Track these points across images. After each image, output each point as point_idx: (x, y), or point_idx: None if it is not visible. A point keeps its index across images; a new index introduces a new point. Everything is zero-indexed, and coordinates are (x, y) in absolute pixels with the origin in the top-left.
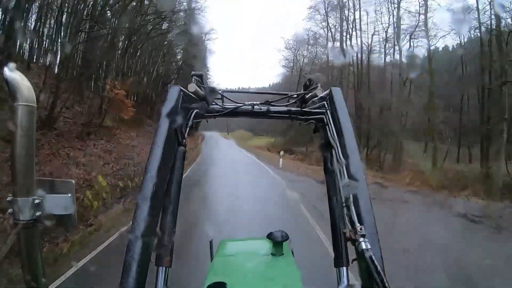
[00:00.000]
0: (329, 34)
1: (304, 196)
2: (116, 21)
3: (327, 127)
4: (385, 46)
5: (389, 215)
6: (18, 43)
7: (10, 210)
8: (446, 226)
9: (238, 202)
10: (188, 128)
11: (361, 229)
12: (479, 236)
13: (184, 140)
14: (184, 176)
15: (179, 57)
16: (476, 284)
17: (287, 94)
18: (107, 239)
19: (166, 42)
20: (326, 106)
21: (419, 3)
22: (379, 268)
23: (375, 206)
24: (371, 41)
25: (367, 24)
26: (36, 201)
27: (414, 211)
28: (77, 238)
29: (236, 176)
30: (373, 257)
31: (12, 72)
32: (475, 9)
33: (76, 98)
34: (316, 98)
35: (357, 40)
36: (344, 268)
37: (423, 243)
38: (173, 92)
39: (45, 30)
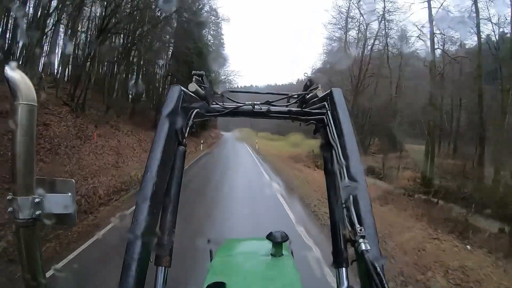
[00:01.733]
0: None
1: None
2: None
3: (327, 127)
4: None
5: None
6: None
7: (10, 209)
8: None
9: None
10: (188, 128)
11: (360, 230)
12: None
13: (184, 140)
14: None
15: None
16: None
17: (287, 94)
18: None
19: None
20: (327, 106)
21: None
22: (378, 269)
23: None
24: None
25: None
26: (36, 200)
27: None
28: None
29: None
30: (373, 258)
31: (13, 71)
32: None
33: None
34: (317, 98)
35: None
36: (344, 269)
37: None
38: (174, 92)
39: None
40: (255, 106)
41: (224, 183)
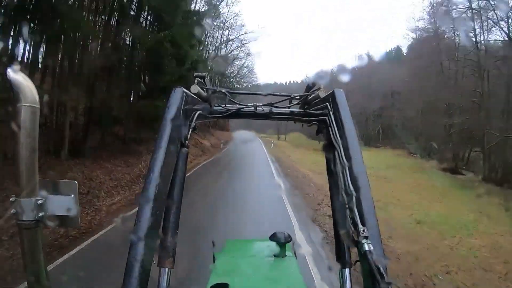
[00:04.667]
0: None
1: None
2: None
3: (329, 128)
4: None
5: None
6: None
7: (13, 211)
8: None
9: None
10: (191, 130)
11: (363, 230)
12: None
13: (186, 142)
14: None
15: None
16: None
17: (289, 95)
18: None
19: None
20: (329, 107)
21: None
22: (382, 269)
23: None
24: None
25: None
26: (39, 201)
27: None
28: None
29: None
30: (376, 258)
31: (15, 73)
32: None
33: None
34: (319, 99)
35: None
36: (347, 270)
37: None
38: (176, 94)
39: None
40: (257, 107)
41: None
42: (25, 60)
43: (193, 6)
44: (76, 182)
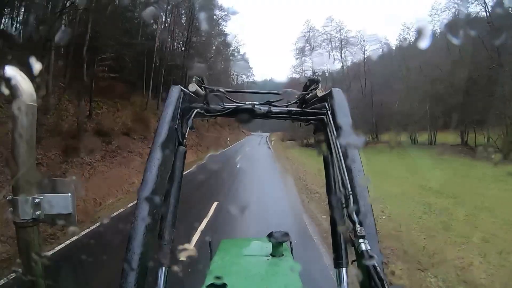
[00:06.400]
0: None
1: None
2: None
3: (327, 127)
4: None
5: None
6: None
7: (10, 209)
8: None
9: None
10: (188, 128)
11: (360, 230)
12: None
13: (184, 140)
14: None
15: None
16: None
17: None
18: None
19: None
20: (327, 106)
21: None
22: (378, 269)
23: None
24: None
25: None
26: (36, 200)
27: None
28: None
29: None
30: (373, 258)
31: (13, 71)
32: None
33: None
34: (317, 98)
35: None
36: (344, 269)
37: None
38: (174, 92)
39: None
40: (255, 106)
41: None
42: None
43: None
44: (74, 177)
